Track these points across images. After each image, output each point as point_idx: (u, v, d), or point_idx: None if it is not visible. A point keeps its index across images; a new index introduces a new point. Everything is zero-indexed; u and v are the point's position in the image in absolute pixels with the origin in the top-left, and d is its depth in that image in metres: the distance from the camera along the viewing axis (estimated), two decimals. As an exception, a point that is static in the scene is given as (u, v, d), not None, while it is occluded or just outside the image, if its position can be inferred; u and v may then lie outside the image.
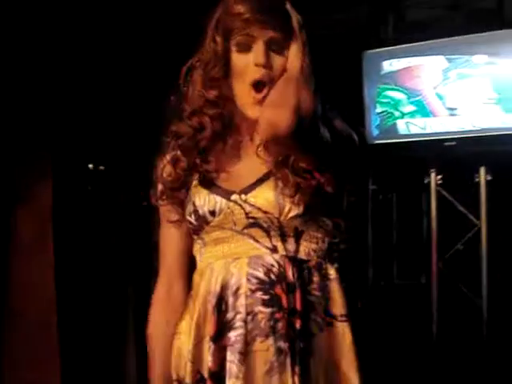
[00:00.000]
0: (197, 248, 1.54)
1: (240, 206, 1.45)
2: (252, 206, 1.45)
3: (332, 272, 1.50)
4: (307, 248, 1.47)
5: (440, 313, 4.15)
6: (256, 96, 1.44)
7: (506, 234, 4.32)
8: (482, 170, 4.01)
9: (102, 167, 4.63)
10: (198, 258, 1.54)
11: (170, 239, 1.59)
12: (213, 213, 1.47)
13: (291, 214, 1.44)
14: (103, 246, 4.62)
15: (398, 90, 4.17)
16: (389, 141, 4.23)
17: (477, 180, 4.02)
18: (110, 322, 4.48)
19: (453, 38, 4.03)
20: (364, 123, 4.21)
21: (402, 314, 4.47)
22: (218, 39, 1.48)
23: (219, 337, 1.42)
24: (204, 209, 1.47)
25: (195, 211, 1.48)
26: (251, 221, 1.45)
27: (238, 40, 1.46)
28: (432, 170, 4.17)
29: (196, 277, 1.53)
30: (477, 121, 3.95)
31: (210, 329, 1.43)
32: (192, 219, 1.50)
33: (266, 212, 1.44)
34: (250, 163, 1.50)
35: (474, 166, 4.03)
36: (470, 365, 4.02)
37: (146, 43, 4.34)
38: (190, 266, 1.59)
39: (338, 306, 1.48)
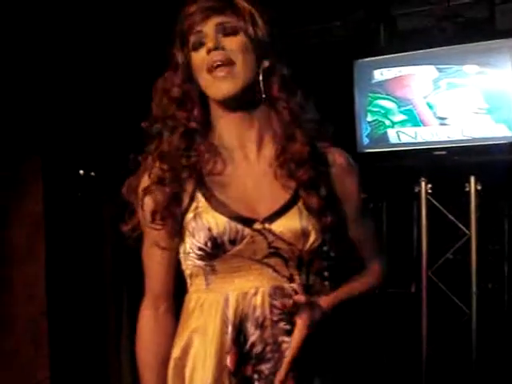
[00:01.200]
0: (196, 272, 1.46)
1: (263, 235, 1.40)
2: (276, 235, 1.40)
3: (328, 289, 1.52)
4: (312, 273, 1.47)
5: (430, 321, 4.16)
6: (215, 74, 1.42)
7: (496, 244, 4.34)
8: (472, 180, 4.02)
9: (92, 173, 4.62)
10: (198, 282, 1.46)
11: (155, 260, 1.51)
12: (233, 242, 1.39)
13: (314, 246, 1.43)
14: (94, 253, 4.60)
15: (388, 99, 4.18)
16: (379, 150, 4.24)
17: (467, 189, 4.03)
18: (103, 331, 4.46)
19: (444, 47, 4.05)
20: (355, 132, 4.22)
21: (391, 323, 4.47)
22: (178, 53, 1.48)
23: (239, 370, 1.39)
24: (224, 238, 1.38)
25: (212, 239, 1.39)
26: (272, 250, 1.41)
27: (192, 40, 1.45)
28: (422, 179, 4.17)
29: (198, 303, 1.46)
30: (467, 130, 3.97)
31: (230, 361, 1.39)
32: (207, 247, 1.40)
33: (290, 244, 1.41)
34: (267, 183, 1.45)
35: (464, 176, 4.04)
36: (460, 374, 4.02)
37: (137, 49, 4.34)
38: (174, 284, 1.53)
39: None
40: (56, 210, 4.31)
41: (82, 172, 4.58)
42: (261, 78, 1.44)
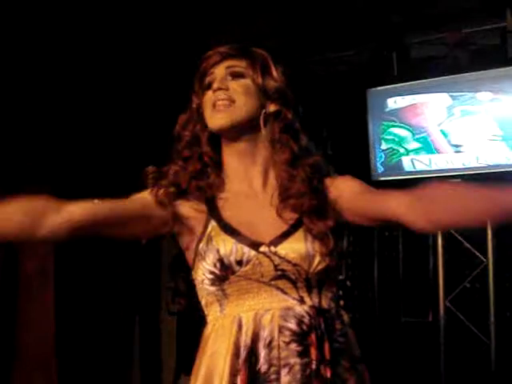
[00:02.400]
0: (212, 299, 1.52)
1: (269, 257, 1.46)
2: (281, 258, 1.46)
3: (346, 317, 1.54)
4: (327, 298, 1.50)
5: (447, 351, 4.10)
6: (216, 108, 1.54)
7: (513, 271, 4.29)
8: (488, 207, 3.98)
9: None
10: (213, 310, 1.51)
11: (129, 198, 1.56)
12: (240, 263, 1.46)
13: (320, 267, 1.47)
14: (104, 283, 4.60)
15: (402, 127, 4.18)
16: (394, 178, 4.22)
17: (483, 216, 3.99)
18: (113, 360, 4.45)
19: (456, 75, 4.06)
20: (369, 160, 4.22)
21: (409, 353, 4.42)
22: (194, 97, 1.62)
23: None
24: (230, 258, 1.46)
25: (220, 260, 1.46)
26: (279, 273, 1.46)
27: (205, 81, 1.59)
28: (438, 207, 4.15)
29: (214, 329, 1.50)
30: (482, 158, 3.95)
31: (240, 382, 1.42)
32: (216, 269, 1.47)
33: (295, 265, 1.46)
34: (271, 213, 1.52)
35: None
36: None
37: (143, 92, 4.39)
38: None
39: (356, 348, 1.53)
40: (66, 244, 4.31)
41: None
42: (261, 120, 1.56)
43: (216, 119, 1.54)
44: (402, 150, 4.19)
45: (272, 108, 1.57)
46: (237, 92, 1.54)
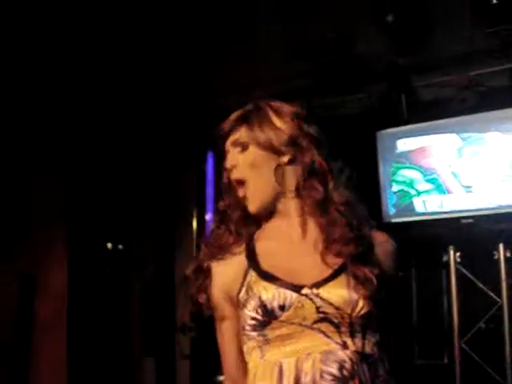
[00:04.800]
0: (253, 345, 1.49)
1: (311, 300, 1.44)
2: (324, 300, 1.44)
3: (387, 364, 1.51)
4: (370, 343, 1.47)
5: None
6: (241, 194, 1.58)
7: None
8: (501, 247, 3.98)
9: (120, 246, 4.66)
10: (254, 356, 1.50)
11: (226, 336, 1.57)
12: (282, 307, 1.44)
13: (363, 311, 1.45)
14: (122, 325, 4.59)
15: (413, 168, 4.21)
16: (406, 219, 4.23)
17: (496, 257, 3.99)
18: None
19: (465, 116, 4.09)
20: (380, 202, 4.23)
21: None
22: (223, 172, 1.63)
23: None
24: (273, 304, 1.44)
25: (262, 306, 1.44)
26: (321, 315, 1.44)
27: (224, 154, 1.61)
28: (451, 248, 4.15)
29: (256, 377, 1.48)
30: (493, 198, 3.96)
31: None
32: (258, 315, 1.45)
33: (337, 308, 1.44)
34: (313, 260, 1.50)
35: (492, 243, 4.00)
36: None
37: (163, 128, 4.46)
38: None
39: None
40: (81, 283, 4.33)
41: (109, 245, 4.62)
42: (275, 178, 1.55)
43: (247, 208, 1.57)
44: (413, 192, 4.21)
45: (285, 159, 1.55)
46: (244, 168, 1.56)
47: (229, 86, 4.79)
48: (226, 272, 1.54)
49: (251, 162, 1.55)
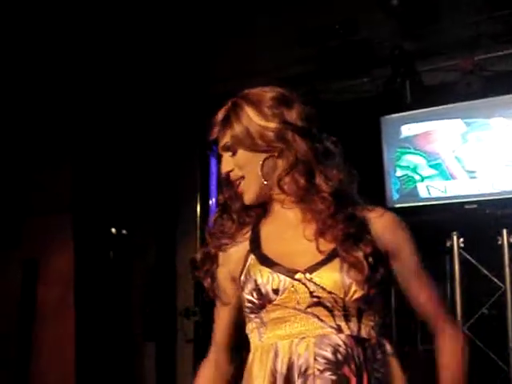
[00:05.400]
0: (252, 327, 1.54)
1: (304, 284, 1.46)
2: (317, 285, 1.45)
3: (389, 347, 1.53)
4: (368, 327, 1.48)
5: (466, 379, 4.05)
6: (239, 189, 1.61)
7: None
8: (505, 232, 3.97)
9: (124, 231, 4.67)
10: (253, 338, 1.54)
11: (219, 316, 1.66)
12: (276, 291, 1.47)
13: (357, 295, 1.45)
14: (124, 313, 4.61)
15: (417, 153, 4.20)
16: (410, 204, 4.23)
17: (499, 242, 3.98)
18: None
19: (470, 101, 4.07)
20: (384, 187, 4.23)
21: (427, 382, 4.37)
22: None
23: None
24: (267, 287, 1.47)
25: (257, 289, 1.48)
26: (315, 300, 1.46)
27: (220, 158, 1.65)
28: (454, 234, 4.14)
29: (255, 357, 1.52)
30: (497, 183, 3.95)
31: None
32: (253, 298, 1.49)
33: (330, 292, 1.45)
34: (308, 245, 1.51)
35: (496, 228, 3.99)
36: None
37: (166, 114, 4.45)
38: (237, 337, 1.64)
39: (399, 378, 1.53)
40: (87, 267, 4.34)
41: (114, 230, 4.63)
42: (259, 171, 1.56)
43: (243, 199, 1.60)
44: (417, 177, 4.20)
45: (268, 155, 1.56)
46: (239, 168, 1.58)
47: (232, 71, 4.78)
48: (232, 256, 1.58)
49: (242, 164, 1.57)
